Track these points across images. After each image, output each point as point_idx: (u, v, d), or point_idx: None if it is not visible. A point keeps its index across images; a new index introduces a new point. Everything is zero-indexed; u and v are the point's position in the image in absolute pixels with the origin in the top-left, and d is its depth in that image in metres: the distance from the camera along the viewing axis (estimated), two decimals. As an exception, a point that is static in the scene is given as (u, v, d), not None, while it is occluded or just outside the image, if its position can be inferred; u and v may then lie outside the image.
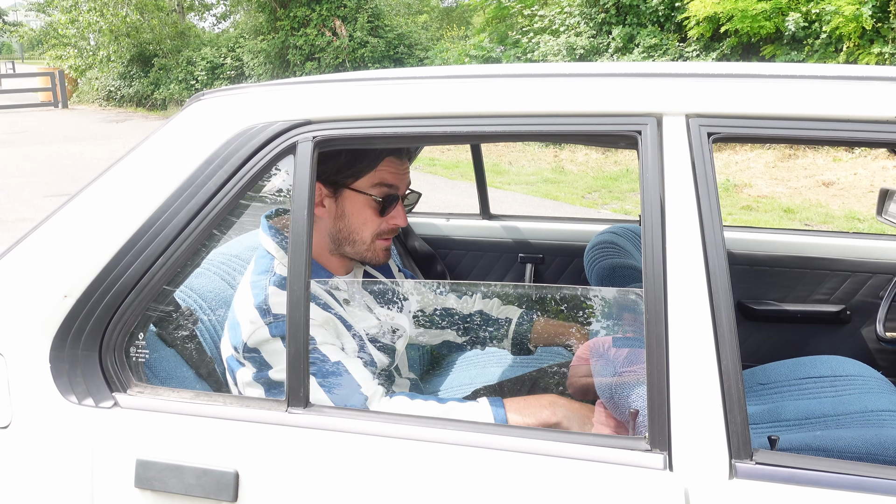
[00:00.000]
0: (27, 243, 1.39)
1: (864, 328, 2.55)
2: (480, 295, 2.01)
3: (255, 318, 1.52)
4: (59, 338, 1.34)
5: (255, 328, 1.51)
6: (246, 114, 1.35)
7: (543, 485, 1.13)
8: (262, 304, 1.52)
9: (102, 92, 22.28)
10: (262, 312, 1.52)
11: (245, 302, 1.56)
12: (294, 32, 16.29)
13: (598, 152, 10.69)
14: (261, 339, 1.51)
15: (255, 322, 1.51)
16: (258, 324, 1.51)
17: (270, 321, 1.50)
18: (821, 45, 9.62)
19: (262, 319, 1.51)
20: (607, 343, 1.73)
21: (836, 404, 2.00)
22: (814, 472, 1.07)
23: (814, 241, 2.59)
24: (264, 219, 1.67)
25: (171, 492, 1.25)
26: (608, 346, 1.71)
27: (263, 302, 1.52)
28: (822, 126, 1.14)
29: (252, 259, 1.67)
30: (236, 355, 1.55)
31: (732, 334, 1.10)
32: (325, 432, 1.23)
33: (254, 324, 1.52)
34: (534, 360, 2.24)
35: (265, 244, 1.64)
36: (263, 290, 1.54)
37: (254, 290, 1.56)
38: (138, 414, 1.31)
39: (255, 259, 1.66)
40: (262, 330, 1.51)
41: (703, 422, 1.10)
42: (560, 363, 2.12)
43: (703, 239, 1.13)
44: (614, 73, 1.26)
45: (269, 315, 1.51)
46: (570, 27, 12.40)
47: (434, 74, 1.35)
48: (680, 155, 1.17)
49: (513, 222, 2.89)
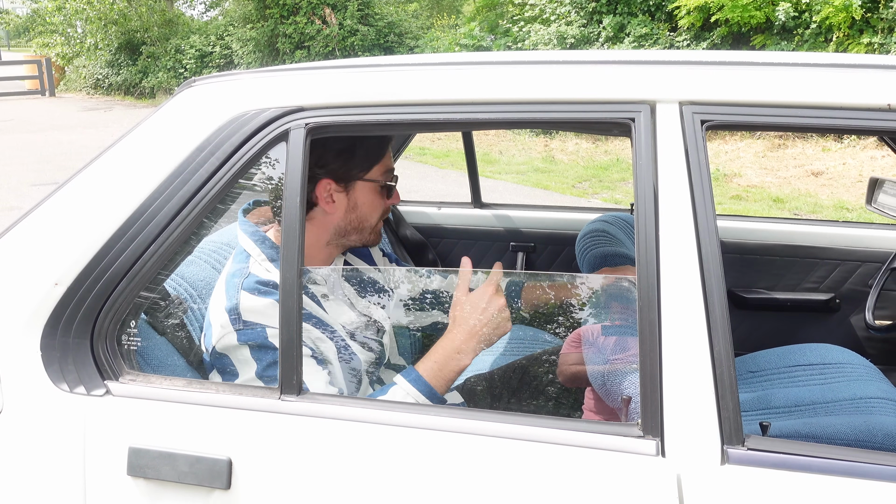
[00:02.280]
0: (18, 230, 1.38)
1: (853, 316, 2.57)
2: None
3: (225, 322, 1.49)
4: (50, 325, 1.33)
5: (224, 333, 1.49)
6: (238, 100, 1.34)
7: (537, 470, 1.13)
8: (232, 308, 1.50)
9: (90, 80, 22.06)
10: (231, 317, 1.49)
11: (218, 303, 1.53)
12: (283, 20, 16.17)
13: (589, 142, 10.69)
14: (228, 344, 1.49)
15: (225, 327, 1.49)
16: (227, 329, 1.49)
17: (240, 328, 1.48)
18: (811, 35, 9.64)
19: (231, 325, 1.48)
20: (597, 331, 1.74)
21: (825, 392, 2.02)
22: (805, 458, 1.08)
23: (803, 230, 2.61)
24: (241, 213, 1.63)
25: (163, 479, 1.25)
26: (599, 334, 1.72)
27: (234, 307, 1.49)
28: (816, 114, 1.14)
29: (231, 255, 1.64)
30: (207, 356, 1.53)
31: (725, 321, 1.11)
32: (319, 419, 1.23)
33: (223, 328, 1.49)
34: (524, 346, 2.25)
35: (241, 241, 1.60)
36: (235, 294, 1.51)
37: (227, 291, 1.53)
38: (130, 402, 1.31)
39: (232, 256, 1.62)
40: (230, 336, 1.48)
41: (696, 408, 1.10)
42: (550, 349, 2.13)
43: (696, 226, 1.14)
44: (608, 61, 1.26)
45: (239, 321, 1.48)
46: (561, 16, 12.37)
47: (428, 61, 1.34)
48: (673, 142, 1.17)
49: (504, 211, 2.90)
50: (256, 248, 1.56)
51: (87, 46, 21.29)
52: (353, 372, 1.59)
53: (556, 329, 1.95)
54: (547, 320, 1.99)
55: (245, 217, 1.63)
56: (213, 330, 1.51)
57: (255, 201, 1.66)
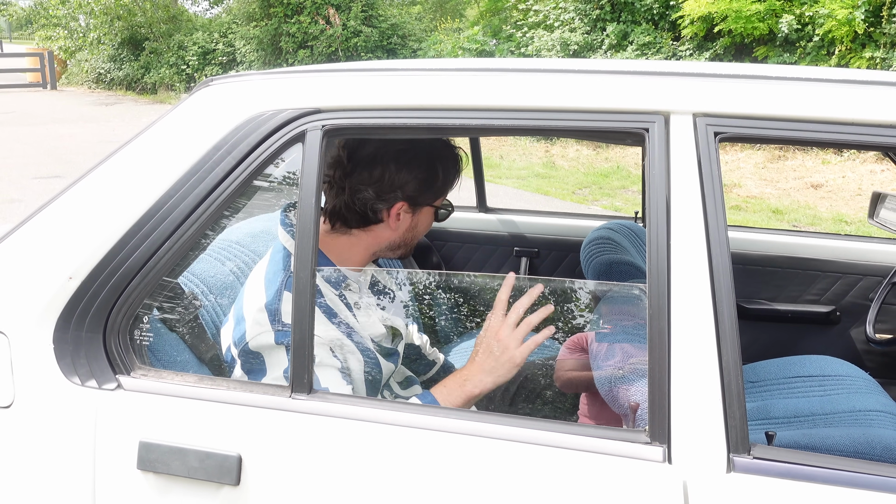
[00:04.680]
0: (32, 224, 1.39)
1: (853, 329, 2.59)
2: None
3: (263, 320, 1.48)
4: (63, 319, 1.34)
5: (260, 330, 1.48)
6: (255, 101, 1.35)
7: (545, 474, 1.14)
8: (273, 307, 1.49)
9: (92, 74, 22.05)
10: (271, 316, 1.48)
11: (255, 298, 1.52)
12: (287, 20, 16.19)
13: (590, 148, 10.71)
14: (264, 343, 1.48)
15: (262, 325, 1.48)
16: (265, 327, 1.48)
17: (279, 328, 1.47)
18: (813, 48, 9.68)
19: (269, 324, 1.48)
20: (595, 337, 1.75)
21: (824, 403, 2.04)
22: (810, 468, 1.09)
23: (806, 242, 2.62)
24: (281, 212, 1.63)
25: (173, 474, 1.26)
26: (602, 340, 1.73)
27: (276, 306, 1.49)
28: (828, 129, 1.16)
29: (268, 252, 1.63)
30: (234, 350, 1.52)
31: (734, 331, 1.12)
32: (329, 419, 1.24)
33: (260, 326, 1.48)
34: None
35: (282, 239, 1.59)
36: (278, 293, 1.50)
37: (267, 288, 1.52)
38: (142, 396, 1.32)
39: (270, 253, 1.62)
40: (267, 335, 1.47)
41: (703, 416, 1.12)
42: (546, 358, 2.14)
43: (707, 237, 1.15)
44: (623, 71, 1.28)
45: (279, 322, 1.47)
46: (565, 23, 12.40)
47: (444, 67, 1.36)
48: (686, 153, 1.19)
49: (509, 216, 2.91)
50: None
51: (89, 40, 21.29)
52: (374, 383, 1.59)
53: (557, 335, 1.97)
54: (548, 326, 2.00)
55: (285, 215, 1.62)
56: (246, 325, 1.50)
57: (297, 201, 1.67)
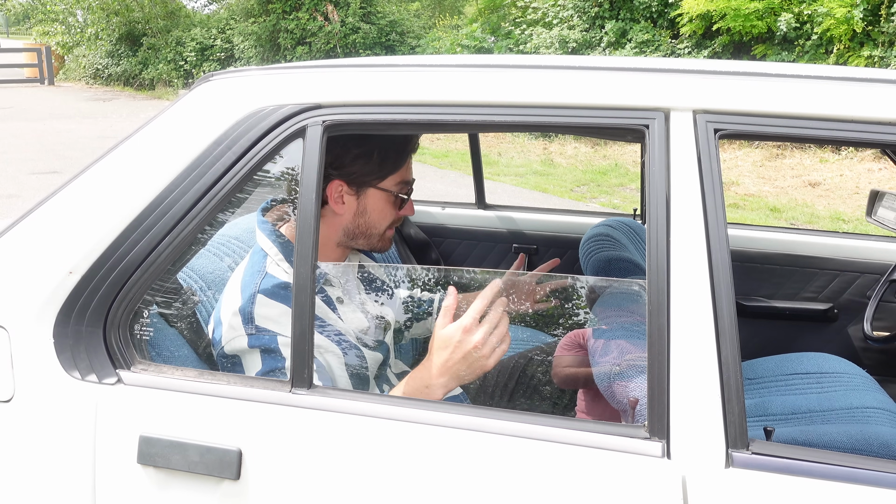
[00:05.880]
0: (33, 218, 1.39)
1: (850, 326, 2.60)
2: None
3: (237, 324, 1.49)
4: (64, 313, 1.34)
5: (234, 335, 1.49)
6: (256, 96, 1.35)
7: (544, 469, 1.15)
8: (247, 311, 1.49)
9: (89, 70, 22.00)
10: (245, 320, 1.48)
11: (231, 302, 1.52)
12: (285, 16, 16.16)
13: (588, 146, 10.71)
14: (238, 347, 1.48)
15: (236, 329, 1.48)
16: (238, 331, 1.48)
17: (252, 332, 1.47)
18: (811, 47, 9.69)
19: (243, 328, 1.48)
20: (593, 333, 1.75)
21: (822, 400, 2.04)
22: (808, 464, 1.10)
23: (804, 240, 2.63)
24: (259, 212, 1.63)
25: (173, 468, 1.26)
26: (599, 336, 1.74)
27: (249, 310, 1.49)
28: (827, 126, 1.16)
29: (248, 253, 1.64)
30: (213, 352, 1.53)
31: (733, 328, 1.13)
32: (329, 413, 1.24)
33: (234, 330, 1.49)
34: (519, 346, 2.26)
35: (259, 240, 1.59)
36: (251, 297, 1.50)
37: (243, 291, 1.52)
38: (142, 391, 1.32)
39: (250, 254, 1.62)
40: (240, 339, 1.48)
41: (702, 411, 1.12)
42: (544, 349, 2.15)
43: (706, 233, 1.15)
44: (624, 68, 1.28)
45: (251, 325, 1.47)
46: (563, 20, 12.40)
47: (445, 63, 1.36)
48: (686, 150, 1.19)
49: (508, 213, 2.91)
50: (274, 248, 1.56)
51: (87, 36, 21.24)
52: (360, 377, 1.58)
53: (553, 330, 1.97)
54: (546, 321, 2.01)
55: (263, 216, 1.62)
56: (222, 329, 1.51)
57: (274, 200, 1.66)
